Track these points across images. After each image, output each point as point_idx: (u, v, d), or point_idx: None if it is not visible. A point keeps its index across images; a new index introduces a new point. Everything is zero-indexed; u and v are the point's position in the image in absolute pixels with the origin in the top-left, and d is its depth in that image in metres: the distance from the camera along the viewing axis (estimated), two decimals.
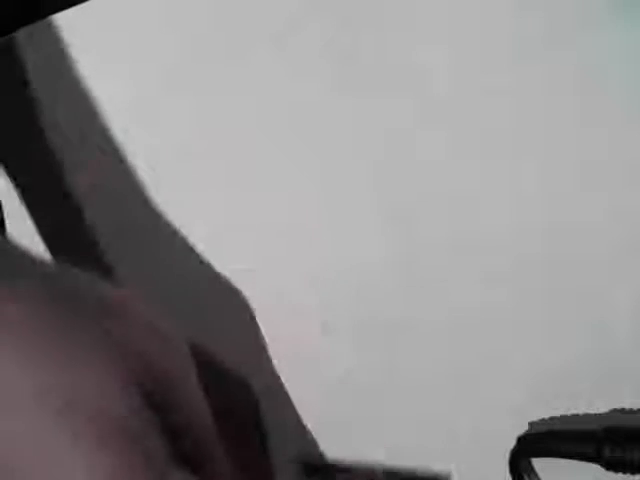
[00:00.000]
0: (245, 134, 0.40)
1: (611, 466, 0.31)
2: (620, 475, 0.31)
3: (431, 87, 0.38)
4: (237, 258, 0.39)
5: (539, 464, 0.34)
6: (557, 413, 0.34)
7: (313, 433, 0.37)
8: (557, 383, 0.34)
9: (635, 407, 0.33)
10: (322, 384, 0.37)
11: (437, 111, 0.37)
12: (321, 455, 0.37)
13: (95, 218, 0.41)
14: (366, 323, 0.37)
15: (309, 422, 0.37)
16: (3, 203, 0.40)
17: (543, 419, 0.34)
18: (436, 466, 0.34)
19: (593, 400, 0.33)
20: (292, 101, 0.39)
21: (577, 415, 0.34)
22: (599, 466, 0.31)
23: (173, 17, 0.40)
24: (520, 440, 0.34)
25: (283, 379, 0.38)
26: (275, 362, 0.38)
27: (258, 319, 0.38)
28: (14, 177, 0.41)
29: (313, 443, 0.37)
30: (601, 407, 0.33)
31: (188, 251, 0.39)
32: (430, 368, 0.36)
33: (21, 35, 0.41)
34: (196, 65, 0.40)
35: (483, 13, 0.37)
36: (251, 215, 0.39)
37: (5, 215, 0.41)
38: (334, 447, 0.37)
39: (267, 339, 0.38)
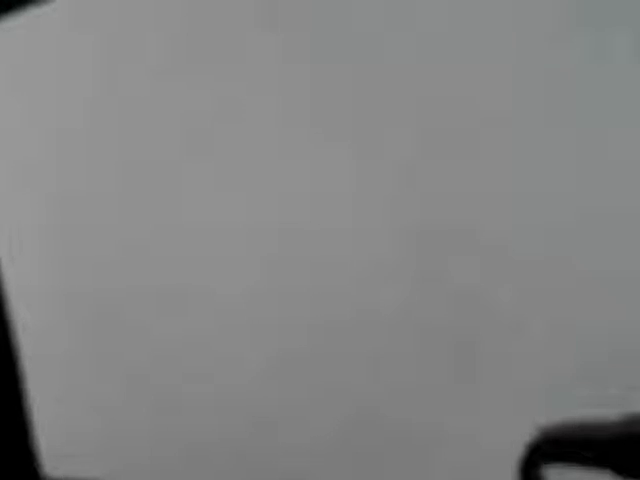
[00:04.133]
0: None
1: (623, 473, 0.31)
2: None
3: None
4: None
5: (547, 469, 0.34)
6: (567, 418, 0.34)
7: None
8: (567, 388, 0.34)
9: None
10: None
11: None
12: None
13: None
14: None
15: None
16: None
17: (553, 424, 0.34)
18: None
19: (603, 406, 0.33)
20: None
21: (587, 421, 0.34)
22: (611, 472, 0.31)
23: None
24: (530, 446, 0.33)
25: None
26: None
27: None
28: None
29: None
30: (611, 413, 0.33)
31: None
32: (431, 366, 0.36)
33: None
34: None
35: None
36: None
37: None
38: None
39: None
